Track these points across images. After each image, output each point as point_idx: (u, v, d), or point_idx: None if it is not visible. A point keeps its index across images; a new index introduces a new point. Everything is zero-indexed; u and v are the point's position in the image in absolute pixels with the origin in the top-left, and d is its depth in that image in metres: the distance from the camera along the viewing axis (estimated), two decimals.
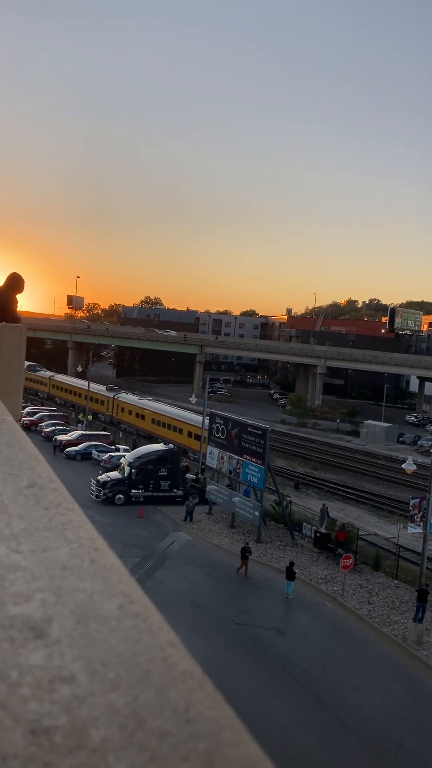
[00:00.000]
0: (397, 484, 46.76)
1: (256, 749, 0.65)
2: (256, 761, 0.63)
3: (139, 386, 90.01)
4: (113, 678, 0.73)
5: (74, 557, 1.04)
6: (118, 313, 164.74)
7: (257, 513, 31.21)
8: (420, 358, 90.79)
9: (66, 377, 79.48)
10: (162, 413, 54.97)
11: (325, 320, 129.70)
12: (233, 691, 16.26)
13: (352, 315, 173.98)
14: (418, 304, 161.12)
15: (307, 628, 22.35)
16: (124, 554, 26.62)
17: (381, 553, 30.02)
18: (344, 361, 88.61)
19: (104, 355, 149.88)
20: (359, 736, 15.95)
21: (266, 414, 76.59)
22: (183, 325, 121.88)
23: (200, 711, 0.68)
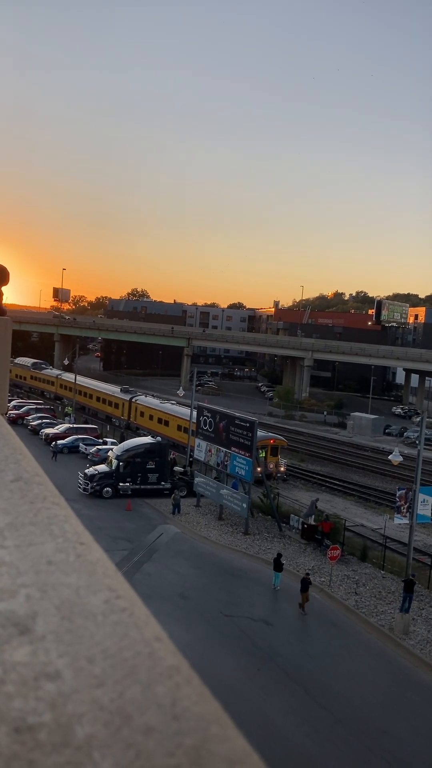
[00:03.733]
0: (383, 475, 47.03)
1: (244, 744, 0.65)
2: (244, 756, 0.62)
3: (126, 379, 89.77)
4: (99, 674, 0.72)
5: (60, 552, 1.03)
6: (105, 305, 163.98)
7: (245, 505, 31.30)
8: (406, 351, 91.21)
9: (79, 377, 69.80)
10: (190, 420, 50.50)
11: (312, 313, 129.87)
12: (221, 683, 16.34)
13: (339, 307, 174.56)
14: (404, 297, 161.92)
15: (295, 619, 22.49)
16: (112, 547, 26.62)
17: (368, 544, 30.23)
18: (331, 353, 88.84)
19: (91, 348, 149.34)
20: (347, 726, 16.10)
21: (254, 406, 76.70)
22: (170, 317, 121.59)
23: (187, 706, 0.68)
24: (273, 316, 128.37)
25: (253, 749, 0.65)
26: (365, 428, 68.01)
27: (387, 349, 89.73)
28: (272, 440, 43.52)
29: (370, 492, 42.09)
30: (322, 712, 16.59)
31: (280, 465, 43.33)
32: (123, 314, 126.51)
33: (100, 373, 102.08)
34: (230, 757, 0.61)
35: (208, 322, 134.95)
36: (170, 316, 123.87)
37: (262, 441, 40.75)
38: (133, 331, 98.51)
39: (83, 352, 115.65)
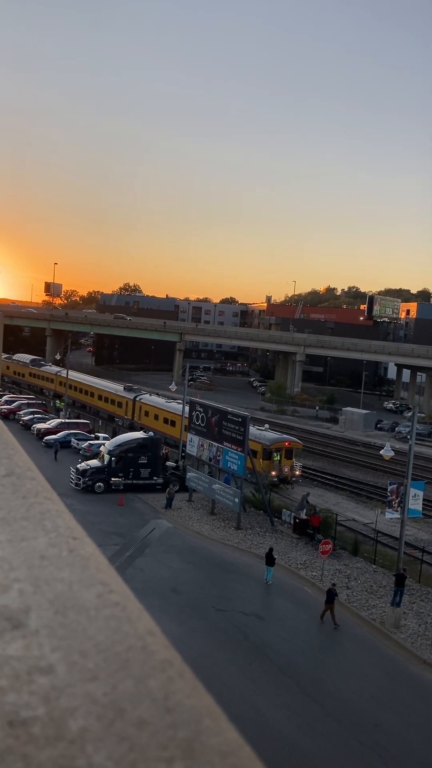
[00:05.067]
0: (375, 470, 47.22)
1: (236, 736, 0.65)
2: (236, 749, 0.63)
3: (118, 374, 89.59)
4: (92, 668, 0.73)
5: (53, 547, 1.03)
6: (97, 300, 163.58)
7: (237, 500, 31.35)
8: (398, 346, 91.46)
9: (78, 374, 68.09)
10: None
11: (304, 308, 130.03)
12: (213, 677, 16.40)
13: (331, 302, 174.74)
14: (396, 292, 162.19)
15: (287, 613, 22.57)
16: (104, 542, 26.62)
17: (359, 538, 30.37)
18: (323, 348, 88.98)
19: (83, 343, 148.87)
20: (339, 719, 16.20)
21: (246, 401, 76.76)
22: (162, 312, 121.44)
23: (180, 700, 0.68)
24: (265, 311, 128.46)
25: (245, 742, 0.65)
26: (357, 423, 68.20)
27: (379, 345, 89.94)
28: (287, 443, 41.07)
29: (362, 487, 42.25)
30: (314, 705, 16.69)
31: (295, 468, 40.71)
32: (115, 309, 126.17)
33: (92, 368, 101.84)
34: (223, 750, 0.61)
35: (200, 317, 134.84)
36: (162, 311, 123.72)
37: (277, 443, 39.68)
38: (125, 325, 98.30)
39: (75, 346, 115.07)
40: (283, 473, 39.23)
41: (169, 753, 0.60)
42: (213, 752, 0.61)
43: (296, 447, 41.94)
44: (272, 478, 37.97)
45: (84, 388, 62.56)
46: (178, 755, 0.60)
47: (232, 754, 0.61)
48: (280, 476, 38.87)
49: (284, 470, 39.51)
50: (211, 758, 0.60)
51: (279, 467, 39.04)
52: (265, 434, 40.85)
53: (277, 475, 38.54)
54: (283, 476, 39.09)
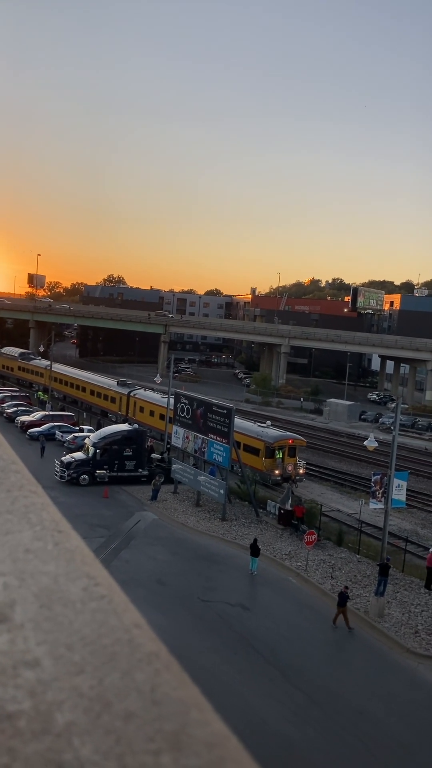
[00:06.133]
0: (359, 461, 47.53)
1: (223, 728, 0.65)
2: (223, 740, 0.63)
3: (102, 366, 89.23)
4: (78, 661, 0.73)
5: (38, 540, 1.02)
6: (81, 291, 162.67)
7: (222, 491, 31.43)
8: (381, 337, 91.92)
9: (69, 368, 67.00)
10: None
11: (289, 299, 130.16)
12: (199, 668, 16.48)
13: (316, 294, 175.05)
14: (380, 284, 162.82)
15: (272, 603, 22.71)
16: (90, 535, 26.58)
17: (344, 528, 30.59)
18: (308, 340, 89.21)
19: (67, 335, 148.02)
20: (323, 708, 16.36)
21: (231, 393, 76.84)
22: (147, 304, 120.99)
23: (166, 692, 0.68)
24: (250, 303, 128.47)
25: (232, 733, 0.65)
26: (341, 414, 68.56)
27: (363, 336, 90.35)
28: (291, 440, 39.44)
29: (346, 477, 42.53)
30: (299, 694, 16.83)
31: (299, 467, 39.04)
32: (99, 300, 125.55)
33: (76, 360, 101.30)
34: (210, 741, 0.62)
35: (185, 308, 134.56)
36: (147, 303, 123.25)
37: (280, 441, 38.32)
38: (110, 317, 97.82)
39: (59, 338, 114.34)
40: (286, 472, 37.86)
41: (156, 745, 0.60)
42: (200, 744, 0.61)
43: (300, 444, 40.29)
44: (275, 477, 36.45)
45: (75, 383, 61.05)
46: (165, 747, 0.60)
47: (218, 746, 0.62)
48: (284, 475, 37.47)
49: (288, 468, 38.08)
50: (198, 750, 0.60)
51: (282, 465, 37.75)
52: (267, 431, 39.44)
53: (280, 473, 37.16)
54: (287, 475, 37.67)
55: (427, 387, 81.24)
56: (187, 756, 0.59)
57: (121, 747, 0.60)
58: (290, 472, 37.95)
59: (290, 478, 37.64)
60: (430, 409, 75.86)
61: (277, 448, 37.95)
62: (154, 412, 48.45)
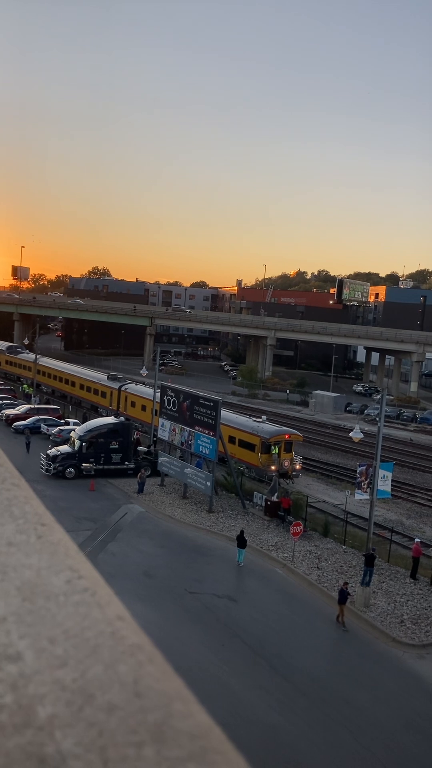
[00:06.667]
0: (344, 452, 47.80)
1: (207, 719, 0.65)
2: (206, 731, 0.63)
3: (88, 359, 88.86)
4: (61, 654, 0.72)
5: (20, 533, 1.02)
6: (65, 284, 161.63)
7: (209, 483, 31.49)
8: (367, 329, 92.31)
9: (57, 362, 65.44)
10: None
11: (274, 292, 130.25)
12: (186, 659, 16.55)
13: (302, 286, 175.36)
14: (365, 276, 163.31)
15: (259, 594, 22.82)
16: (76, 528, 26.55)
17: (330, 519, 30.78)
18: (294, 332, 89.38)
19: (51, 327, 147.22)
20: (310, 697, 16.50)
21: (218, 386, 76.89)
22: (132, 296, 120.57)
23: (149, 684, 0.68)
24: (236, 295, 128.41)
25: (215, 724, 0.65)
26: (327, 406, 68.84)
27: (348, 328, 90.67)
28: (287, 435, 38.43)
29: (332, 468, 42.76)
30: (286, 684, 16.96)
31: (295, 462, 37.99)
32: (84, 293, 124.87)
33: (61, 352, 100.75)
34: (193, 733, 0.62)
35: (171, 301, 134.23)
36: (132, 295, 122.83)
37: (276, 436, 37.42)
38: (95, 310, 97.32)
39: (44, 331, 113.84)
40: (283, 467, 36.75)
41: (139, 737, 0.60)
42: (183, 735, 0.61)
43: (296, 439, 39.45)
44: (272, 473, 35.56)
45: (64, 377, 59.95)
46: (147, 739, 0.60)
47: (202, 737, 0.62)
48: (280, 471, 36.39)
49: (284, 464, 36.99)
50: (181, 741, 0.60)
51: (278, 461, 36.76)
52: (263, 426, 38.43)
53: (277, 469, 36.11)
54: (283, 471, 36.59)
55: (412, 378, 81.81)
56: (169, 748, 0.59)
57: (103, 739, 0.60)
58: (287, 467, 37.13)
59: (287, 474, 36.97)
60: (414, 400, 76.41)
61: (273, 443, 37.14)
62: (146, 407, 46.54)
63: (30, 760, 0.57)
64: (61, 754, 0.58)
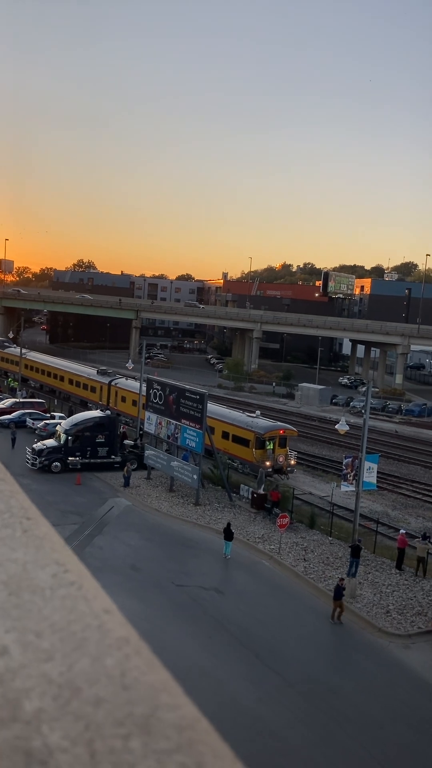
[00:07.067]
0: (330, 444, 48.03)
1: (194, 710, 0.66)
2: (193, 722, 0.64)
3: (73, 353, 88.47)
4: (47, 648, 0.72)
5: (6, 527, 1.02)
6: (50, 277, 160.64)
7: (196, 476, 31.53)
8: (352, 322, 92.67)
9: (45, 356, 64.77)
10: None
11: (260, 284, 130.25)
12: (173, 652, 16.60)
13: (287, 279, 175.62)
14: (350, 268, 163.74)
15: (246, 586, 22.92)
16: (62, 521, 26.49)
17: (316, 511, 30.94)
18: (279, 325, 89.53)
19: (36, 321, 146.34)
20: (296, 687, 16.62)
21: (204, 379, 76.87)
22: (118, 289, 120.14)
23: (136, 677, 0.68)
24: (222, 288, 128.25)
25: (202, 715, 0.66)
26: (313, 398, 69.09)
27: (334, 321, 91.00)
28: (282, 430, 37.89)
29: (318, 461, 42.96)
30: (273, 675, 17.07)
31: (290, 458, 37.56)
32: (69, 286, 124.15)
33: (46, 346, 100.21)
34: (180, 724, 0.62)
35: (156, 294, 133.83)
36: (118, 288, 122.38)
37: (271, 432, 36.89)
38: (80, 303, 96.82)
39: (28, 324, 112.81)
40: (277, 463, 36.43)
41: (126, 729, 0.61)
42: (170, 727, 0.62)
43: (291, 434, 38.89)
44: (266, 469, 34.96)
45: (53, 372, 59.30)
46: (134, 731, 0.61)
47: (188, 728, 0.62)
48: (275, 466, 36.10)
49: (279, 460, 36.60)
50: (168, 733, 0.61)
51: (273, 457, 36.35)
52: (257, 421, 37.83)
53: (271, 465, 35.71)
54: (278, 466, 36.33)
55: (397, 370, 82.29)
56: (156, 740, 0.60)
57: (90, 732, 0.60)
58: (281, 463, 36.75)
59: (281, 470, 36.64)
60: (399, 392, 76.91)
61: (267, 438, 36.64)
62: (137, 402, 45.05)
63: (17, 754, 0.57)
64: (48, 748, 0.58)
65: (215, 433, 37.53)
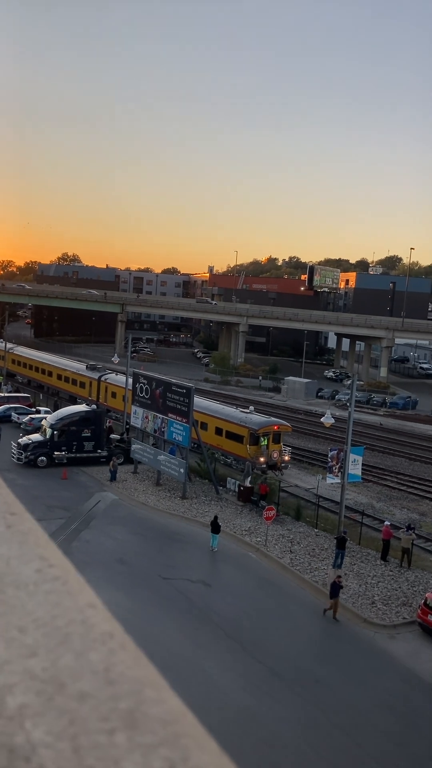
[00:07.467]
0: (316, 437, 48.25)
1: (179, 704, 0.66)
2: (178, 716, 0.63)
3: (58, 347, 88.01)
4: (31, 644, 0.72)
5: None
6: (35, 270, 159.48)
7: (182, 470, 31.54)
8: (338, 315, 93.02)
9: (33, 351, 64.22)
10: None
11: (246, 278, 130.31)
12: (160, 645, 16.63)
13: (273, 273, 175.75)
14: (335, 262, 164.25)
15: (233, 579, 23.00)
16: (48, 516, 26.41)
17: (302, 503, 31.11)
18: (266, 318, 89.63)
19: (21, 315, 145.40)
20: (282, 678, 16.72)
21: (190, 373, 76.83)
22: (103, 283, 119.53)
23: (121, 671, 0.68)
24: (208, 282, 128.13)
25: (187, 708, 0.66)
26: (298, 392, 69.33)
27: (319, 314, 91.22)
28: (276, 426, 37.21)
29: (304, 453, 43.13)
30: (259, 666, 17.16)
31: (284, 454, 36.99)
32: (54, 279, 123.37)
33: (31, 340, 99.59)
34: (164, 718, 0.62)
35: (142, 287, 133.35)
36: (103, 281, 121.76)
37: (265, 427, 36.38)
38: (65, 296, 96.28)
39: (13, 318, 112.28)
40: (272, 459, 35.89)
41: (111, 724, 0.60)
42: (154, 721, 0.61)
43: (285, 430, 38.39)
44: (260, 465, 34.74)
45: (41, 367, 58.56)
46: (119, 726, 0.60)
47: (173, 722, 0.62)
48: (269, 463, 35.56)
49: (273, 456, 35.99)
50: (153, 727, 0.61)
51: (267, 453, 35.82)
52: (251, 417, 37.24)
53: (265, 461, 35.29)
54: (272, 462, 35.77)
55: (382, 363, 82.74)
56: (141, 734, 0.60)
57: (74, 728, 0.60)
58: (276, 459, 36.21)
59: (276, 466, 36.16)
60: (384, 385, 77.35)
61: (261, 434, 36.24)
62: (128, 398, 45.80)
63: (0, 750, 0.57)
64: (32, 744, 0.58)
65: (208, 430, 37.51)
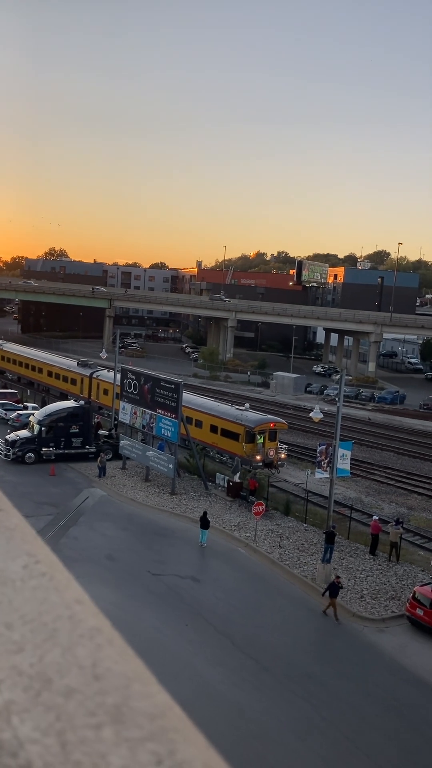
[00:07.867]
0: (305, 432, 48.39)
1: (166, 698, 0.66)
2: (165, 710, 0.64)
3: (46, 342, 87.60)
4: (18, 640, 0.72)
5: None
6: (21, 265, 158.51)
7: (171, 466, 31.53)
8: (326, 310, 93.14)
9: (23, 347, 63.41)
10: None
11: (235, 273, 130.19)
12: (148, 641, 16.65)
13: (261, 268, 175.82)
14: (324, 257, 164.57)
15: (222, 574, 23.05)
16: (36, 513, 26.33)
17: (291, 498, 31.21)
18: (254, 314, 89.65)
19: (8, 310, 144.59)
20: (273, 673, 16.80)
21: (179, 368, 76.75)
22: (90, 278, 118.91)
23: (108, 666, 0.68)
24: (196, 277, 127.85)
25: (175, 702, 0.66)
26: (287, 387, 69.48)
27: (308, 309, 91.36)
28: (272, 423, 36.70)
29: (293, 448, 43.22)
30: (249, 661, 17.23)
31: (280, 451, 36.53)
32: (41, 274, 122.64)
33: (18, 336, 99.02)
34: (152, 713, 0.63)
35: (130, 282, 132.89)
36: (91, 277, 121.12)
37: (261, 425, 35.89)
38: (52, 292, 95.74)
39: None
40: (268, 457, 35.40)
41: (98, 719, 0.61)
42: (142, 715, 0.62)
43: (281, 428, 37.72)
44: (256, 463, 34.42)
45: (31, 363, 57.92)
46: (106, 721, 0.61)
47: (161, 716, 0.62)
48: (266, 461, 35.14)
49: (269, 454, 35.50)
50: (140, 721, 0.61)
51: (263, 450, 35.39)
52: (247, 415, 36.73)
53: (261, 459, 34.92)
54: (268, 461, 35.31)
55: (370, 358, 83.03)
56: (128, 728, 0.60)
57: (61, 723, 0.60)
58: (272, 457, 35.69)
59: (272, 464, 35.65)
60: (372, 380, 77.67)
61: (257, 432, 35.73)
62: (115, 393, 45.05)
63: None
64: (19, 740, 0.58)
65: (203, 427, 37.33)
